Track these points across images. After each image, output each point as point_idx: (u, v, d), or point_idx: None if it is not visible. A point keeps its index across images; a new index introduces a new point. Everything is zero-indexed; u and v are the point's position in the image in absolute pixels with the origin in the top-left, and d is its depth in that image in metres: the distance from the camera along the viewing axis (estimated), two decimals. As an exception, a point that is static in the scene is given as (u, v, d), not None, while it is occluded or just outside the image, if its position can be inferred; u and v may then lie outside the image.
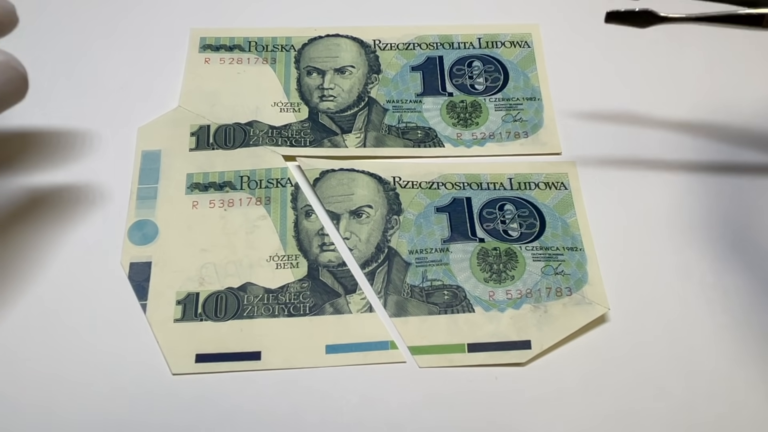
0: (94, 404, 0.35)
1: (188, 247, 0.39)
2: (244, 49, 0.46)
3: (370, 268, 0.39)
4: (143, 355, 0.36)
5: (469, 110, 0.44)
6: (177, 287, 0.38)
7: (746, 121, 0.44)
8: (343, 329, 0.37)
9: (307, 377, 0.36)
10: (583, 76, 0.46)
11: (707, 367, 0.36)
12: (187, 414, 0.35)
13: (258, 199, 0.41)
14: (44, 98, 0.44)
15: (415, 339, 0.37)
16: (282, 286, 0.38)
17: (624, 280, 0.39)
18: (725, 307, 0.38)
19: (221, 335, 0.36)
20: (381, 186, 0.41)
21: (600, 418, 0.35)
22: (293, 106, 0.44)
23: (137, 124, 0.43)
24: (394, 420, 0.35)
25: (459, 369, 0.36)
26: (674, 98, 0.45)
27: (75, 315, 0.37)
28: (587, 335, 0.37)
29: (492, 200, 0.41)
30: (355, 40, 0.47)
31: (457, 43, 0.47)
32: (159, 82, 0.45)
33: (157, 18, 0.47)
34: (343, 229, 0.40)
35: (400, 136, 0.43)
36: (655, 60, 0.47)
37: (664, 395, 0.36)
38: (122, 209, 0.40)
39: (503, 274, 0.39)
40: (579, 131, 0.44)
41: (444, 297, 0.38)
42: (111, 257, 0.39)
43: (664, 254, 0.39)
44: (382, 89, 0.45)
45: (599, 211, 0.41)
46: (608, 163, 0.43)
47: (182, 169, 0.41)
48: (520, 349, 0.36)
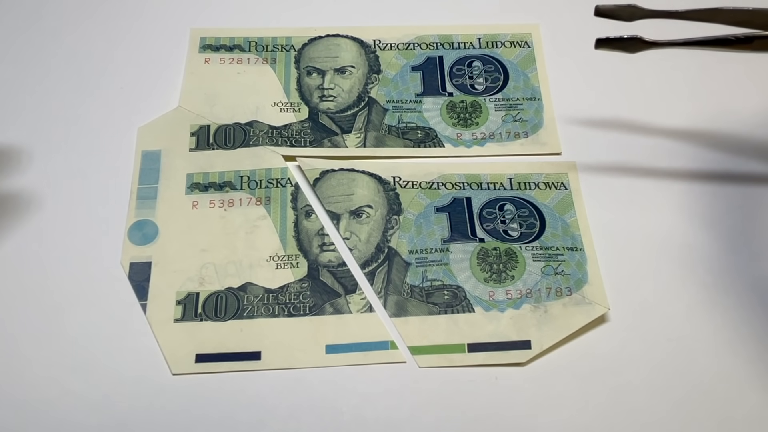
0: (94, 404, 0.35)
1: (188, 247, 0.39)
2: (244, 49, 0.46)
3: (370, 268, 0.39)
4: (143, 355, 0.36)
5: (469, 110, 0.44)
6: (177, 287, 0.38)
7: (747, 121, 0.44)
8: (343, 329, 0.37)
9: (307, 377, 0.36)
10: (583, 76, 0.46)
11: (707, 367, 0.36)
12: (187, 414, 0.35)
13: (258, 199, 0.41)
14: (44, 98, 0.44)
15: (415, 339, 0.37)
16: (282, 286, 0.38)
17: (624, 280, 0.39)
18: (725, 307, 0.38)
19: (221, 335, 0.36)
20: (381, 186, 0.41)
21: (600, 418, 0.35)
22: (293, 106, 0.44)
23: (137, 124, 0.43)
24: (394, 420, 0.35)
25: (459, 369, 0.36)
26: (674, 98, 0.45)
27: (75, 315, 0.37)
28: (587, 335, 0.37)
29: (492, 200, 0.41)
30: (355, 40, 0.47)
31: (457, 43, 0.47)
32: (159, 82, 0.45)
33: (157, 18, 0.47)
34: (343, 229, 0.40)
35: (400, 136, 0.43)
36: (655, 60, 0.47)
37: (664, 395, 0.36)
38: (122, 209, 0.40)
39: (503, 274, 0.39)
40: (579, 131, 0.44)
41: (444, 297, 0.38)
42: (111, 257, 0.39)
43: (663, 254, 0.39)
44: (382, 89, 0.45)
45: (599, 211, 0.41)
46: (608, 163, 0.43)
47: (182, 169, 0.41)
48: (520, 349, 0.36)
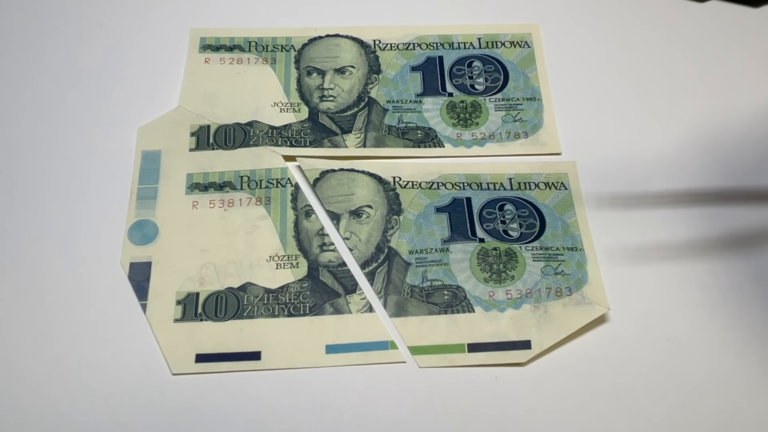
0: (94, 404, 0.35)
1: (188, 247, 0.39)
2: (244, 49, 0.46)
3: (370, 268, 0.39)
4: (143, 355, 0.36)
5: (469, 110, 0.44)
6: (177, 287, 0.38)
7: (748, 117, 0.44)
8: (343, 329, 0.37)
9: (307, 377, 0.36)
10: (583, 76, 0.46)
11: (706, 367, 0.36)
12: (187, 414, 0.35)
13: (258, 199, 0.41)
14: (45, 98, 0.44)
15: (415, 339, 0.37)
16: (282, 286, 0.38)
17: (624, 280, 0.39)
18: (725, 308, 0.38)
19: (221, 335, 0.36)
20: (381, 186, 0.41)
21: (599, 418, 0.35)
22: (293, 106, 0.44)
23: (137, 124, 0.43)
24: (394, 420, 0.35)
25: (459, 369, 0.36)
26: (675, 98, 0.45)
27: (75, 315, 0.37)
28: (587, 335, 0.37)
29: (492, 200, 0.41)
30: (355, 40, 0.47)
31: (457, 43, 0.47)
32: (159, 82, 0.45)
33: (157, 18, 0.47)
34: (343, 229, 0.40)
35: (400, 136, 0.43)
36: (655, 60, 0.47)
37: (664, 395, 0.36)
38: (122, 209, 0.40)
39: (503, 274, 0.39)
40: (579, 131, 0.44)
41: (444, 297, 0.38)
42: (111, 257, 0.39)
43: (664, 254, 0.39)
44: (382, 89, 0.45)
45: (599, 211, 0.41)
46: (608, 163, 0.43)
47: (182, 169, 0.41)
48: (520, 349, 0.36)
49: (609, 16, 0.48)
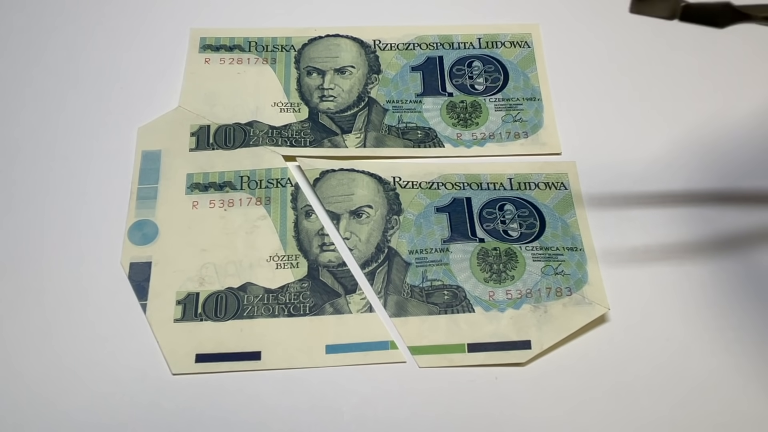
0: (93, 404, 0.35)
1: (188, 247, 0.39)
2: (244, 49, 0.46)
3: (370, 268, 0.39)
4: (143, 355, 0.36)
5: (469, 110, 0.44)
6: (177, 287, 0.38)
7: (747, 117, 0.44)
8: (343, 329, 0.37)
9: (307, 377, 0.36)
10: (583, 76, 0.46)
11: (706, 367, 0.36)
12: (187, 414, 0.35)
13: (258, 199, 0.41)
14: (44, 98, 0.44)
15: (415, 339, 0.37)
16: (282, 286, 0.38)
17: (624, 280, 0.39)
18: (724, 308, 0.38)
19: (221, 335, 0.36)
20: (381, 186, 0.41)
21: (599, 418, 0.35)
22: (293, 106, 0.44)
23: (137, 124, 0.43)
24: (394, 420, 0.35)
25: (459, 369, 0.36)
26: (675, 98, 0.45)
27: (75, 315, 0.37)
28: (587, 335, 0.37)
29: (492, 200, 0.41)
30: (355, 40, 0.47)
31: (457, 43, 0.47)
32: (159, 82, 0.45)
33: (157, 18, 0.47)
34: (343, 229, 0.40)
35: (400, 136, 0.43)
36: (655, 60, 0.47)
37: (663, 395, 0.36)
38: (122, 209, 0.40)
39: (503, 274, 0.39)
40: (579, 131, 0.44)
41: (444, 297, 0.38)
42: (111, 257, 0.39)
43: (663, 254, 0.39)
44: (382, 89, 0.45)
45: (599, 211, 0.41)
46: (608, 163, 0.43)
47: (182, 169, 0.41)
48: (520, 349, 0.36)
49: (609, 16, 0.48)
